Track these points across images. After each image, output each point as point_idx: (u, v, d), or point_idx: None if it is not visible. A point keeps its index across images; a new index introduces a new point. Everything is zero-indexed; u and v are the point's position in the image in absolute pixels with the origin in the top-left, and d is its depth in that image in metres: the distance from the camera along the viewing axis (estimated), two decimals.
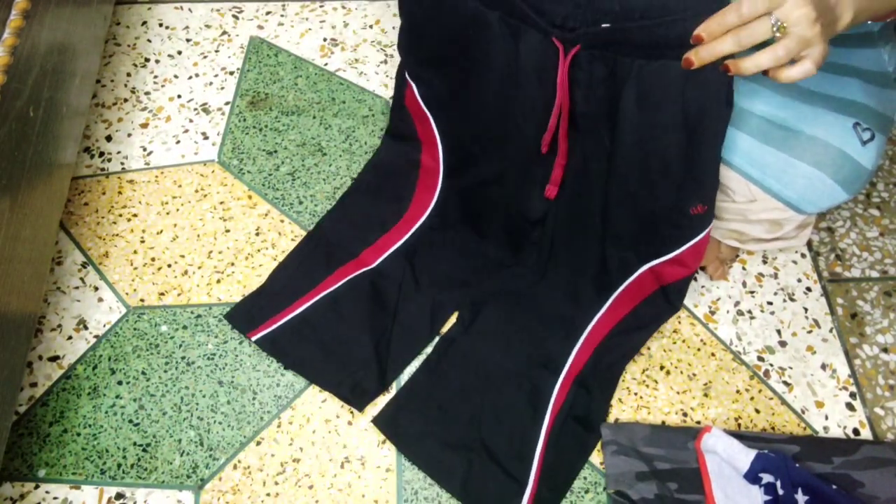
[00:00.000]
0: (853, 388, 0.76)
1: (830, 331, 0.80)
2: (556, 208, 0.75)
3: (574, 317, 0.77)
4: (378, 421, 0.71)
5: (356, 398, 0.72)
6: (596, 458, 0.70)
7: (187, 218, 0.86)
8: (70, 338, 0.76)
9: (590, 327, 0.76)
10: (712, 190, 0.68)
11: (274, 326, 0.75)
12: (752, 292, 0.82)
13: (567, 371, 0.74)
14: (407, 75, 0.78)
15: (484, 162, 0.78)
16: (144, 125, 0.94)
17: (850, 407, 0.74)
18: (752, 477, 0.65)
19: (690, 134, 0.63)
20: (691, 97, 0.61)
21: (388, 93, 0.98)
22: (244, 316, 0.77)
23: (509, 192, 0.77)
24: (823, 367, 0.77)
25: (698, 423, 0.73)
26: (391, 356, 0.75)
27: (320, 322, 0.75)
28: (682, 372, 0.76)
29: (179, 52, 1.02)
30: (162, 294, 0.80)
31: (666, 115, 0.63)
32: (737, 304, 0.81)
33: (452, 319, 0.78)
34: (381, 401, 0.73)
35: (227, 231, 0.85)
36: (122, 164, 0.90)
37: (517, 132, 0.72)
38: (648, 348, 0.77)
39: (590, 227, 0.75)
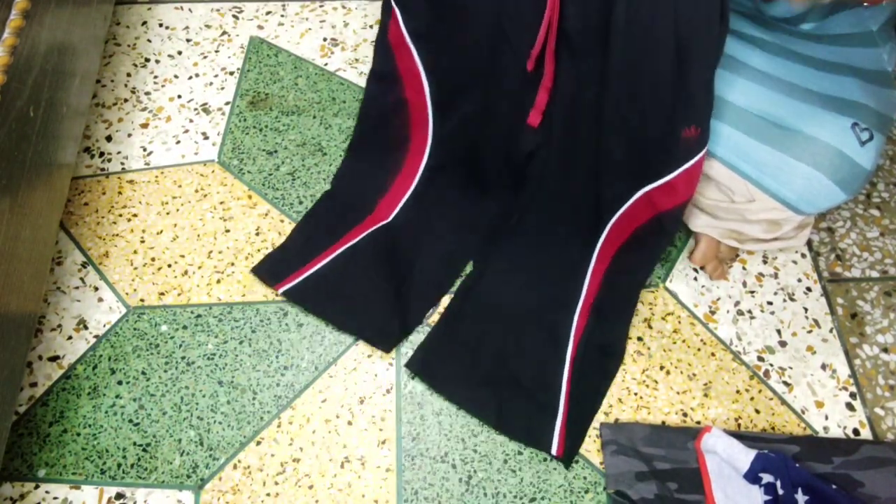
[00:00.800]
0: (853, 388, 0.76)
1: (830, 331, 0.80)
2: (548, 139, 0.75)
3: (578, 249, 0.79)
4: (410, 366, 0.74)
5: (381, 340, 0.75)
6: (595, 458, 0.70)
7: (187, 218, 0.86)
8: (70, 338, 0.76)
9: (594, 257, 0.78)
10: (705, 111, 0.66)
11: (299, 279, 0.78)
12: (752, 292, 0.82)
13: (582, 302, 0.77)
14: (393, 2, 0.77)
15: (473, 93, 0.78)
16: (144, 125, 0.94)
17: (850, 407, 0.74)
18: (752, 477, 0.65)
19: (682, 52, 0.63)
20: (683, 13, 0.61)
21: None
22: (270, 270, 0.80)
23: (500, 123, 0.77)
24: (823, 367, 0.77)
25: (698, 423, 0.73)
26: (412, 305, 0.78)
27: (342, 274, 0.79)
28: (682, 372, 0.76)
29: (179, 52, 1.02)
30: (162, 294, 0.80)
31: (658, 32, 0.62)
32: (737, 304, 0.81)
33: (468, 269, 0.81)
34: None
35: (227, 231, 0.85)
36: (122, 164, 0.90)
37: (507, 53, 0.71)
38: (648, 348, 0.77)
39: (583, 156, 0.75)
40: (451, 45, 0.76)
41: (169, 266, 0.82)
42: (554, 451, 0.69)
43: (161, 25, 1.06)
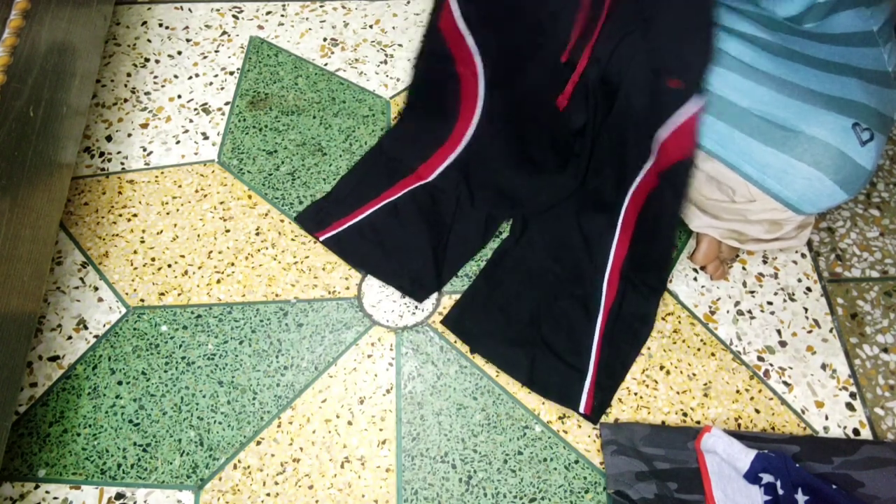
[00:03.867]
0: (853, 388, 0.76)
1: (830, 331, 0.80)
2: (597, 115, 0.79)
3: (604, 220, 0.82)
4: (446, 323, 0.77)
5: (416, 290, 0.79)
6: (596, 457, 0.70)
7: (187, 218, 0.86)
8: (70, 338, 0.76)
9: (619, 226, 0.81)
10: (698, 67, 0.68)
11: (340, 229, 0.82)
12: (752, 292, 0.82)
13: (609, 271, 0.80)
14: None
15: (522, 74, 0.82)
16: (144, 125, 0.94)
17: (850, 407, 0.74)
18: (752, 477, 0.65)
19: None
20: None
21: (388, 92, 0.98)
22: (312, 219, 0.84)
23: (544, 103, 0.82)
24: (823, 367, 0.77)
25: (698, 423, 0.73)
26: (447, 259, 0.82)
27: (382, 227, 0.83)
28: (682, 372, 0.76)
29: (179, 52, 1.02)
30: (162, 294, 0.80)
31: None
32: (737, 304, 0.81)
33: (504, 232, 0.86)
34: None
35: (227, 231, 0.85)
36: (122, 164, 0.90)
37: (547, 45, 0.77)
38: (649, 348, 0.77)
39: (609, 138, 0.79)
40: (503, 30, 0.79)
41: (169, 266, 0.82)
42: (582, 409, 0.72)
43: (161, 25, 1.06)
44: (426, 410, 0.73)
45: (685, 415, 0.73)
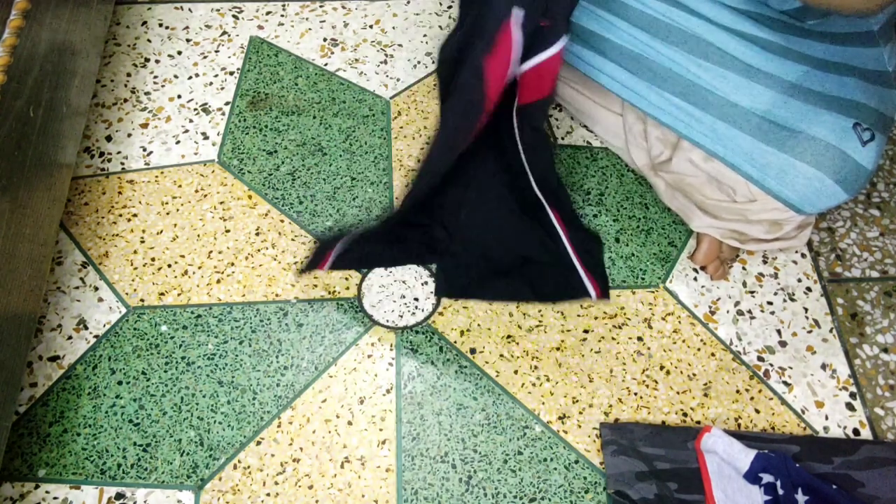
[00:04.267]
0: (853, 388, 0.76)
1: (830, 331, 0.80)
2: None
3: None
4: (438, 292, 0.80)
5: (435, 254, 0.81)
6: (596, 457, 0.70)
7: (187, 218, 0.86)
8: (70, 338, 0.76)
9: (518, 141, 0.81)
10: (564, 7, 0.70)
11: (336, 249, 0.80)
12: (752, 292, 0.82)
13: (534, 180, 0.81)
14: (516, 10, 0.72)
15: None
16: (144, 125, 0.94)
17: (850, 407, 0.74)
18: (752, 477, 0.65)
19: None
20: None
21: (388, 93, 0.98)
22: (312, 259, 0.80)
23: None
24: (823, 367, 0.77)
25: (698, 423, 0.73)
26: (445, 206, 0.82)
27: (363, 227, 0.81)
28: (682, 372, 0.76)
29: (179, 52, 1.02)
30: (162, 294, 0.80)
31: None
32: (737, 304, 0.81)
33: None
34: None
35: (227, 231, 0.85)
36: (122, 164, 0.90)
37: None
38: (648, 348, 0.77)
39: None
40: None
41: (169, 266, 0.82)
42: (592, 294, 0.77)
43: (161, 25, 1.06)
44: (426, 410, 0.73)
45: (685, 415, 0.73)
